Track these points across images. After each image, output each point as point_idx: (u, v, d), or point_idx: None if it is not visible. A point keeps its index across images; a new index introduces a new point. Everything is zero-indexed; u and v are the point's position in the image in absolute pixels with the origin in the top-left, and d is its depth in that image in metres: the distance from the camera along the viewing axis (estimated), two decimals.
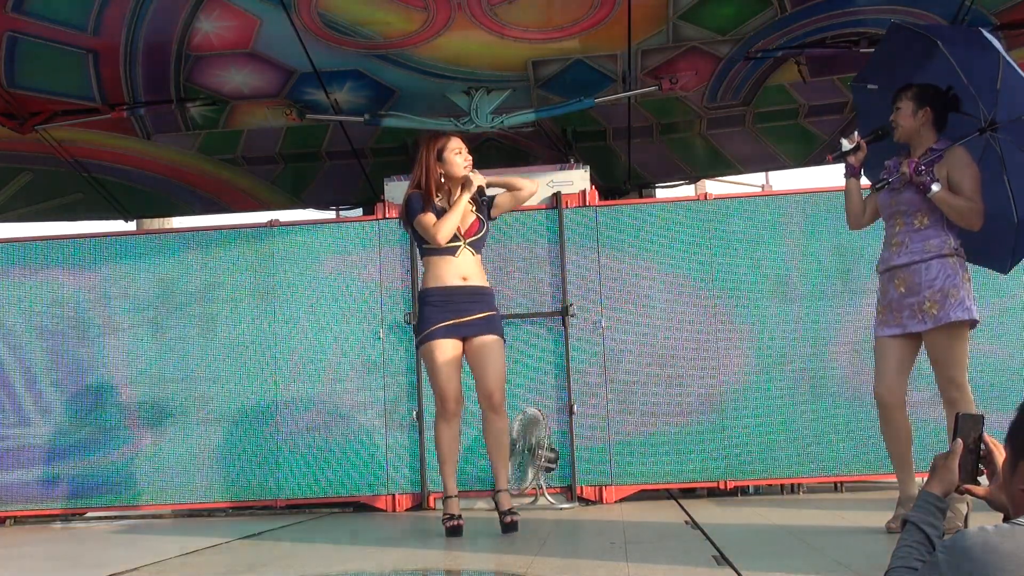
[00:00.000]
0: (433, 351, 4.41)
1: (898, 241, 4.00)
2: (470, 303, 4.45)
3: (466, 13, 5.47)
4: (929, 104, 3.99)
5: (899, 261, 3.97)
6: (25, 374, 6.25)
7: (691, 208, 6.11)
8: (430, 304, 4.45)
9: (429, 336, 4.42)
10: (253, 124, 6.77)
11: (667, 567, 3.34)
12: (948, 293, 3.84)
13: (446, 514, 4.44)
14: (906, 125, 4.01)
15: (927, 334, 3.90)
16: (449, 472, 4.50)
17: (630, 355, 5.98)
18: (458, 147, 4.53)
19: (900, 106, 4.02)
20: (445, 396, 4.42)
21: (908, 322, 3.93)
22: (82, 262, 6.32)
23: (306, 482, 6.08)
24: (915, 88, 4.01)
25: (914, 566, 1.89)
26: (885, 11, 5.65)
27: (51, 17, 5.41)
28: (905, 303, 3.94)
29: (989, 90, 3.85)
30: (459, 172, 4.48)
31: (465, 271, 4.47)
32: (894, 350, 4.00)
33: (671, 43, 5.91)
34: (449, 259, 4.46)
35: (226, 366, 6.18)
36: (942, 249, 3.90)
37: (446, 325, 4.40)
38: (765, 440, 5.87)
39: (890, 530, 3.93)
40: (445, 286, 4.44)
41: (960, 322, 3.85)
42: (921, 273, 3.89)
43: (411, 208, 4.48)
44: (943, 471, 2.03)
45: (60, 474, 6.16)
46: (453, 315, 4.41)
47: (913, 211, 3.96)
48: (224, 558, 4.13)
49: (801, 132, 7.15)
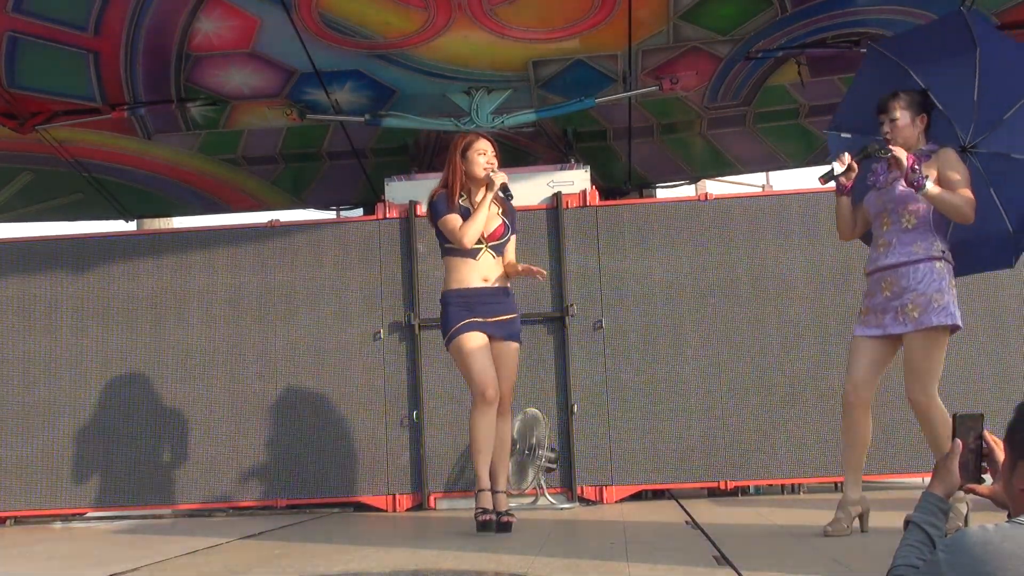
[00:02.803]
0: (465, 342, 4.41)
1: (885, 241, 3.96)
2: (493, 304, 4.49)
3: (466, 13, 5.47)
4: (925, 110, 3.96)
5: (887, 262, 3.93)
6: (25, 374, 6.25)
7: (691, 208, 6.11)
8: (453, 305, 4.47)
9: (458, 331, 4.42)
10: (253, 124, 6.77)
11: (667, 567, 3.33)
12: (932, 298, 3.81)
13: (479, 507, 4.40)
14: (907, 136, 3.94)
15: (906, 336, 3.87)
16: (484, 463, 4.43)
17: (630, 355, 5.98)
18: (484, 148, 4.56)
19: (896, 117, 3.93)
20: (484, 383, 4.38)
21: (889, 324, 3.91)
22: (82, 262, 6.32)
23: (306, 482, 6.08)
24: (905, 97, 3.95)
25: (915, 565, 1.89)
26: (885, 11, 5.65)
27: (51, 17, 5.41)
28: (889, 306, 3.90)
29: (966, 107, 3.84)
30: (478, 172, 4.51)
31: (486, 273, 4.51)
32: (868, 350, 3.97)
33: (671, 43, 5.91)
34: (470, 261, 4.50)
35: (226, 366, 6.18)
36: (930, 252, 3.87)
37: (474, 320, 4.43)
38: (765, 440, 5.86)
39: (826, 533, 3.91)
40: (467, 288, 4.47)
41: (941, 328, 3.83)
42: (908, 276, 3.86)
43: (436, 209, 4.52)
44: (944, 472, 2.03)
45: (60, 474, 6.15)
46: (478, 315, 4.45)
47: (901, 210, 3.92)
48: (224, 558, 4.13)
49: (801, 132, 7.15)
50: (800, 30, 5.86)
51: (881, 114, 3.98)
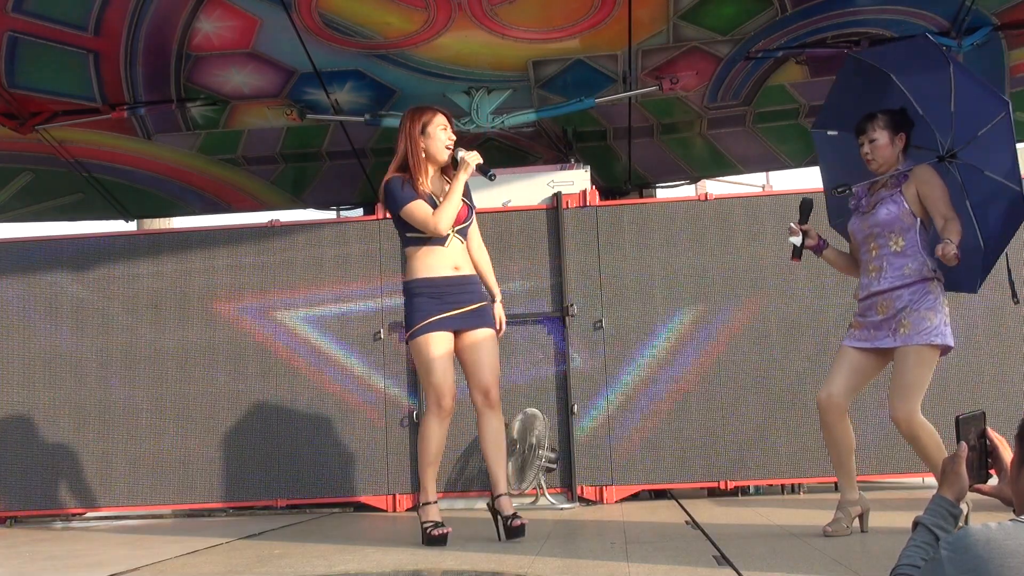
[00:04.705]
0: (428, 345, 4.15)
1: (876, 266, 3.94)
2: (462, 294, 4.24)
3: (466, 13, 5.47)
4: (903, 129, 3.96)
5: (879, 287, 3.91)
6: (25, 374, 6.24)
7: (691, 208, 6.11)
8: (421, 295, 4.19)
9: (424, 329, 4.16)
10: (253, 124, 6.77)
11: (667, 567, 3.34)
12: (924, 316, 3.80)
13: (430, 521, 4.17)
14: (886, 155, 3.95)
15: (896, 351, 3.86)
16: (432, 476, 4.22)
17: (630, 355, 5.98)
18: (443, 123, 4.26)
19: (875, 137, 3.94)
20: (442, 392, 4.15)
21: (881, 339, 3.90)
22: (82, 262, 6.32)
23: (306, 482, 6.08)
24: (883, 116, 3.96)
25: (919, 565, 1.89)
26: (885, 11, 5.66)
27: (51, 17, 5.42)
28: (883, 325, 3.90)
29: (944, 117, 3.84)
30: (440, 150, 4.22)
31: (456, 260, 4.25)
32: (852, 359, 3.97)
33: (671, 43, 5.91)
34: (438, 249, 4.22)
35: (226, 366, 6.18)
36: (923, 272, 3.85)
37: (441, 318, 4.17)
38: (765, 440, 5.86)
39: (826, 533, 3.93)
40: (437, 276, 4.20)
41: (931, 347, 3.81)
42: (904, 297, 3.84)
43: (394, 196, 4.19)
44: (952, 476, 2.02)
45: (60, 474, 6.15)
46: (448, 307, 4.18)
47: (887, 233, 3.91)
48: (224, 558, 4.13)
49: (801, 132, 7.14)
50: (800, 30, 5.86)
51: (860, 135, 3.99)
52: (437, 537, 4.12)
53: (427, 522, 4.18)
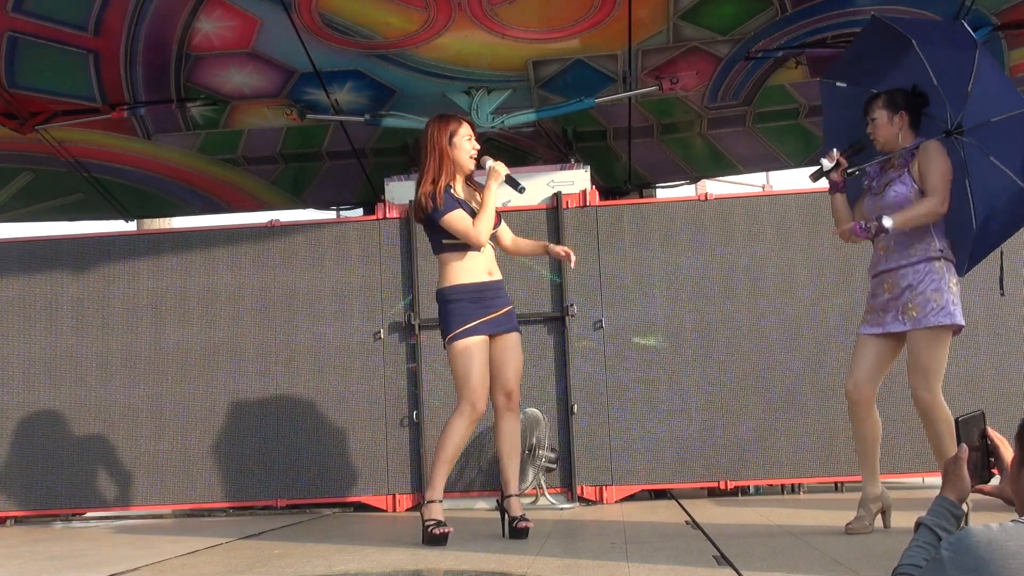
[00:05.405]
0: (472, 349, 4.26)
1: (884, 245, 4.02)
2: (496, 298, 4.37)
3: (466, 13, 5.47)
4: (903, 108, 4.00)
5: (886, 266, 4.00)
6: (26, 374, 6.24)
7: (691, 208, 6.11)
8: (461, 300, 4.29)
9: (465, 333, 4.26)
10: (253, 124, 6.78)
11: (667, 567, 3.34)
12: (930, 297, 3.85)
13: (432, 520, 4.18)
14: (886, 134, 4.02)
15: (908, 335, 3.92)
16: (445, 475, 4.28)
17: (630, 355, 5.98)
18: (469, 132, 4.39)
19: (875, 117, 4.02)
20: (479, 395, 4.24)
21: (890, 323, 3.96)
22: (82, 262, 6.32)
23: (306, 482, 6.08)
24: (883, 96, 4.02)
25: (922, 564, 1.89)
26: (885, 11, 5.64)
27: (51, 17, 5.42)
28: (890, 305, 3.96)
29: (959, 93, 3.84)
30: (467, 160, 4.36)
31: (489, 265, 4.40)
32: (870, 348, 4.03)
33: (671, 43, 5.91)
34: (475, 254, 4.34)
35: (225, 366, 6.18)
36: (928, 252, 3.90)
37: (480, 323, 4.29)
38: (765, 440, 5.86)
39: (849, 531, 3.96)
40: (475, 282, 4.32)
41: (941, 327, 3.86)
42: (908, 276, 3.91)
43: (445, 206, 4.28)
44: (954, 478, 2.03)
45: (60, 474, 6.15)
46: (485, 311, 4.30)
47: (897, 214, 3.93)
48: (224, 558, 4.13)
49: (801, 132, 7.15)
50: (800, 30, 5.87)
51: (866, 115, 4.06)
52: (438, 536, 4.14)
53: (429, 520, 4.20)
